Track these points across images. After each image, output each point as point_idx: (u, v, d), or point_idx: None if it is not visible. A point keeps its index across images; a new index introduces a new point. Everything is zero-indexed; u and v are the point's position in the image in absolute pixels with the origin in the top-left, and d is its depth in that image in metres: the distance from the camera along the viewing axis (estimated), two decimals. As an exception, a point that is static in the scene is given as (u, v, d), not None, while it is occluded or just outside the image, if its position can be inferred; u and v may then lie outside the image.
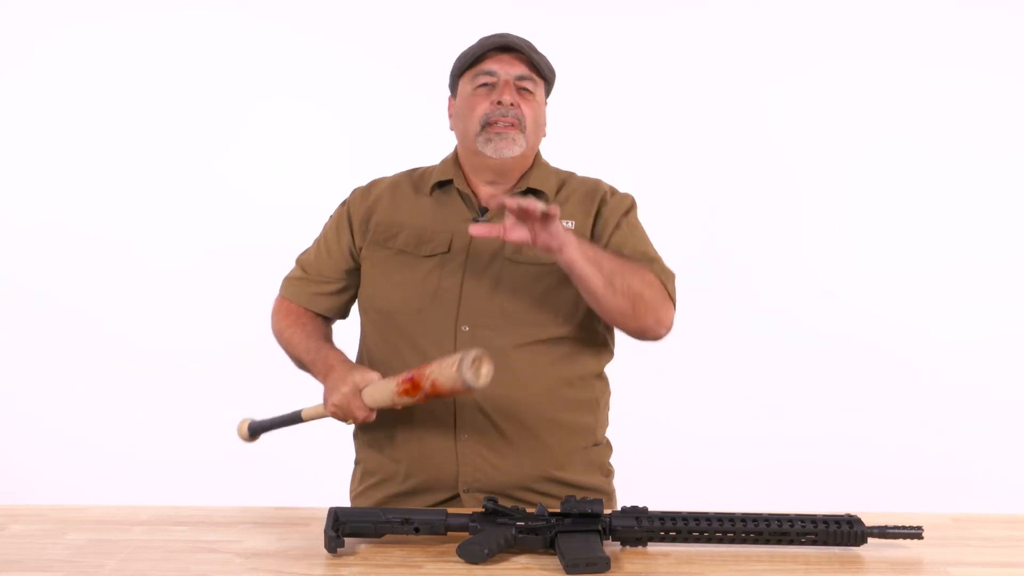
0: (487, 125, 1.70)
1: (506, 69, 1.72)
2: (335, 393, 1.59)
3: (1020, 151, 3.27)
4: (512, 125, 1.70)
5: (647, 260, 1.69)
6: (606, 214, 1.75)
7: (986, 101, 3.26)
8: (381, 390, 1.54)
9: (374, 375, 1.59)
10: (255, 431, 1.77)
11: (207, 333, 3.30)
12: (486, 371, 1.47)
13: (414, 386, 1.49)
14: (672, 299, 1.67)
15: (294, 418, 1.70)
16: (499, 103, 1.70)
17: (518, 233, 1.49)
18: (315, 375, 1.70)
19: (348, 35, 3.33)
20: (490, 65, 1.72)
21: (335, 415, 1.61)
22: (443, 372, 1.46)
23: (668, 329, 1.66)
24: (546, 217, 1.46)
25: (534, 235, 1.49)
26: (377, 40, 3.32)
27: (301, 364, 1.76)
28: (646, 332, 1.64)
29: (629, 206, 1.78)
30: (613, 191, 1.80)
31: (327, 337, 1.80)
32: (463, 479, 1.67)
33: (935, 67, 3.27)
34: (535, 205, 1.43)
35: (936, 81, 3.27)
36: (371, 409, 1.58)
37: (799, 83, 3.30)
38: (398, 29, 3.30)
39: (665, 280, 1.67)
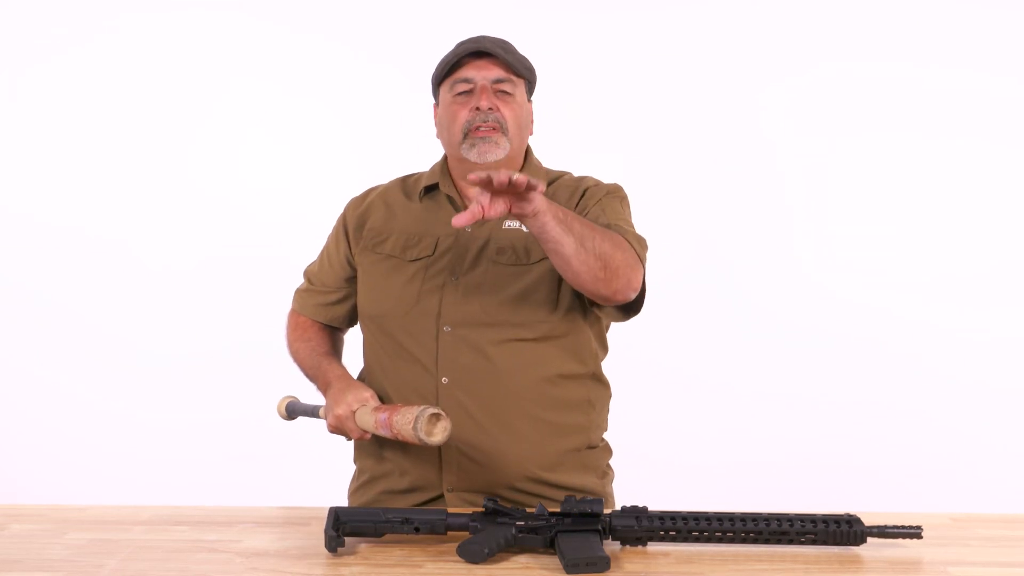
0: (469, 132, 1.70)
1: (482, 74, 1.71)
2: (330, 413, 1.65)
3: (1020, 151, 3.27)
4: (494, 129, 1.70)
5: (618, 229, 1.65)
6: (587, 199, 1.74)
7: (986, 101, 3.25)
8: (367, 420, 1.60)
9: (368, 394, 1.63)
10: (292, 412, 1.80)
11: (206, 333, 3.29)
12: (441, 427, 1.50)
13: (387, 427, 1.55)
14: (642, 262, 1.64)
15: (315, 411, 1.75)
16: (478, 109, 1.70)
17: (496, 208, 1.43)
18: (318, 389, 1.76)
19: (348, 35, 3.33)
20: (466, 72, 1.72)
21: (333, 433, 1.67)
22: (404, 426, 1.51)
23: (637, 291, 1.61)
24: (529, 188, 1.40)
25: (509, 204, 1.43)
26: (378, 40, 3.32)
27: (307, 377, 1.82)
28: (616, 295, 1.58)
29: (610, 191, 1.75)
30: (599, 183, 1.79)
31: (330, 351, 1.84)
32: (447, 478, 1.67)
33: (935, 68, 3.26)
34: (522, 179, 1.38)
35: (936, 81, 3.26)
36: (364, 430, 1.62)
37: (799, 84, 3.29)
38: (399, 29, 3.30)
39: (634, 242, 1.63)
